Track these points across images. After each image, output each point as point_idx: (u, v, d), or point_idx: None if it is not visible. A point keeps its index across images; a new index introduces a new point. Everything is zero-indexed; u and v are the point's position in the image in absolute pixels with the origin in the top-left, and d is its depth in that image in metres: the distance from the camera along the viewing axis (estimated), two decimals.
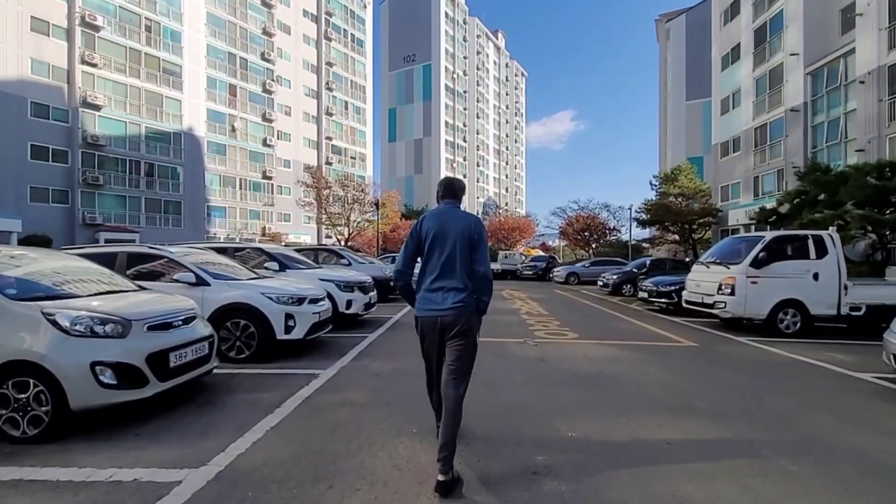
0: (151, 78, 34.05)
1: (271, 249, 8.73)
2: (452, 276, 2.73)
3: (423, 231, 2.83)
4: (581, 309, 12.27)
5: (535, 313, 10.91)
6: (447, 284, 2.72)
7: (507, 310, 11.52)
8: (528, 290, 18.57)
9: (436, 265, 2.75)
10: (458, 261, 2.73)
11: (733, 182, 27.39)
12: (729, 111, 27.86)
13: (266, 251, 8.47)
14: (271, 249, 8.73)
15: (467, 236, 2.75)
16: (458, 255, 2.73)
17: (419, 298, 2.83)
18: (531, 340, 7.24)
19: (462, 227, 2.76)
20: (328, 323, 6.57)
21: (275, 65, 43.89)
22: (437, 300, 2.72)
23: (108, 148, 31.76)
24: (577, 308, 12.45)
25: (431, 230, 2.79)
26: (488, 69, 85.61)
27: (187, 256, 6.10)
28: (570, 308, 12.38)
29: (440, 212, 2.88)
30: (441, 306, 2.71)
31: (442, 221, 2.80)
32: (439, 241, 2.76)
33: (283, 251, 9.54)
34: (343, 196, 37.00)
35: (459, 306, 2.69)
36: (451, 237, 2.74)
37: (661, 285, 11.28)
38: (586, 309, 12.29)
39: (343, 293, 8.19)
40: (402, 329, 8.33)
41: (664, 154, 54.87)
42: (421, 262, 2.86)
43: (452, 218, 2.81)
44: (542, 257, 30.06)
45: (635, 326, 9.08)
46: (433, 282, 2.75)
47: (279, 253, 8.79)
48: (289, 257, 8.83)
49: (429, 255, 2.78)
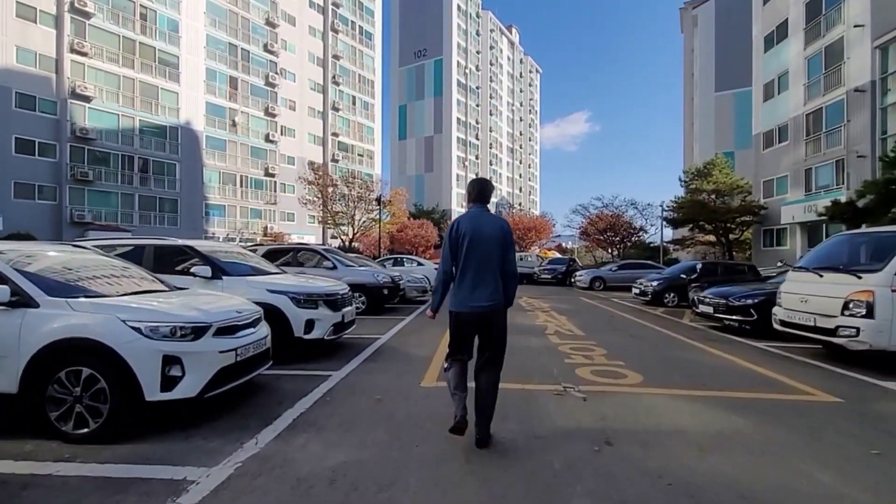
0: (146, 69, 32.31)
1: (207, 248, 6.34)
2: (487, 275, 3.11)
3: (459, 234, 3.14)
4: (624, 326, 9.66)
5: (566, 333, 8.34)
6: (483, 282, 3.10)
7: (529, 328, 8.97)
8: (549, 299, 15.98)
9: (472, 265, 3.10)
10: (492, 261, 3.13)
11: (779, 176, 24.36)
12: (773, 97, 24.85)
13: (197, 250, 6.09)
14: (207, 248, 6.34)
15: (500, 238, 3.16)
16: (492, 255, 3.13)
17: (456, 294, 3.15)
18: (574, 388, 4.71)
19: (495, 230, 3.16)
20: (254, 365, 4.12)
21: (278, 57, 41.98)
22: (475, 297, 3.09)
23: (98, 142, 30.05)
24: (618, 325, 9.84)
25: (467, 233, 3.11)
26: (502, 65, 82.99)
27: None
28: (610, 325, 9.77)
29: (473, 215, 3.22)
30: (479, 303, 3.09)
31: (476, 225, 3.14)
32: (475, 243, 3.10)
33: (228, 250, 7.14)
34: (347, 194, 34.84)
35: (493, 303, 3.12)
36: (485, 239, 3.12)
37: (732, 298, 8.61)
38: (631, 326, 9.67)
39: (301, 310, 5.78)
40: (387, 360, 5.87)
41: (689, 150, 51.73)
42: (457, 261, 3.16)
43: (485, 221, 3.18)
44: (561, 259, 27.37)
45: (717, 359, 6.46)
46: (470, 280, 3.11)
47: (217, 253, 6.39)
48: (232, 262, 6.44)
49: (466, 255, 3.11)
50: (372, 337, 7.57)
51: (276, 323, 5.42)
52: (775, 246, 24.46)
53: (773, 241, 24.66)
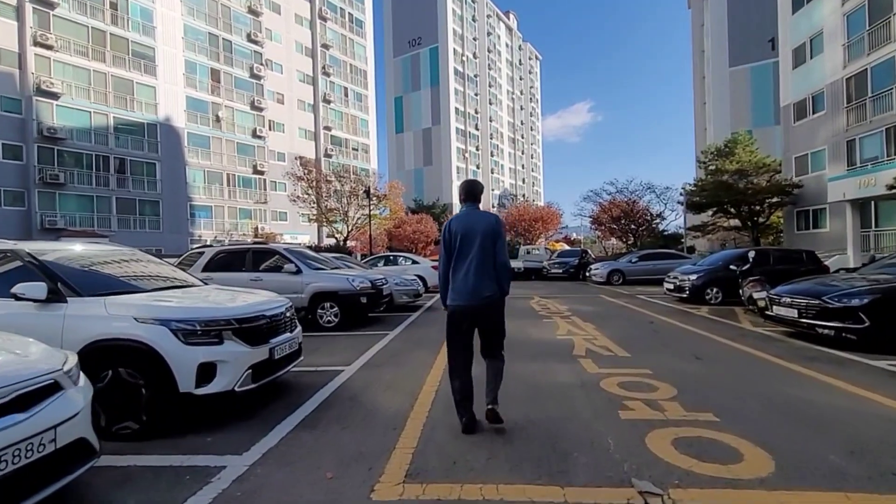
0: (119, 62, 30.13)
1: (51, 252, 4.07)
2: (482, 269, 3.32)
3: (452, 233, 3.39)
4: (675, 338, 7.36)
5: (603, 354, 6.05)
6: (478, 277, 3.30)
7: (549, 345, 6.70)
8: (566, 298, 13.71)
9: (467, 261, 3.33)
10: (485, 255, 3.33)
11: (815, 150, 21.82)
12: (805, 62, 22.28)
13: (24, 255, 3.82)
14: (51, 252, 4.07)
15: (489, 233, 3.35)
16: (485, 249, 3.33)
17: (452, 290, 3.38)
18: (661, 494, 2.45)
19: (484, 226, 3.36)
20: None
21: (263, 47, 39.66)
22: (472, 292, 3.30)
23: (69, 141, 27.96)
24: (666, 336, 7.54)
25: (459, 231, 3.37)
26: (500, 52, 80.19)
27: None
28: (657, 337, 7.47)
29: (464, 214, 3.46)
30: (476, 297, 3.30)
31: (467, 223, 3.39)
32: (468, 240, 3.34)
33: (101, 255, 4.78)
34: (339, 189, 32.63)
35: (490, 295, 3.34)
36: (477, 235, 3.33)
37: (828, 297, 6.28)
38: (685, 338, 7.37)
39: (190, 348, 3.49)
40: (334, 425, 3.58)
41: (702, 133, 49.10)
42: (453, 259, 3.40)
43: (475, 218, 3.41)
44: (572, 251, 25.01)
45: (850, 399, 4.17)
46: (466, 275, 3.32)
47: (72, 259, 4.13)
48: (94, 273, 4.17)
49: (460, 252, 3.36)
50: (331, 370, 5.34)
51: (149, 371, 3.34)
52: (812, 229, 21.98)
53: (810, 224, 22.17)
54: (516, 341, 6.34)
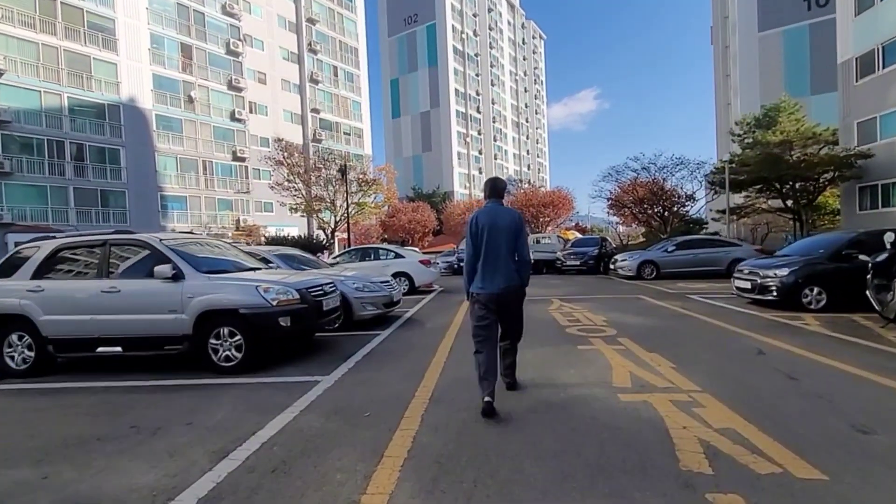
0: (73, 35, 26.72)
1: None
2: (505, 262, 3.56)
3: (479, 226, 3.58)
4: (823, 390, 3.91)
5: (734, 453, 2.63)
6: (500, 268, 3.55)
7: (607, 427, 3.26)
8: (593, 300, 10.30)
9: (491, 253, 3.55)
10: (508, 249, 3.57)
11: (885, 112, 18.09)
12: (873, 5, 18.44)
13: None
14: None
15: (513, 229, 3.58)
16: (508, 244, 3.57)
17: (478, 279, 3.59)
18: None
19: (508, 221, 3.59)
20: None
21: (241, 20, 36.03)
22: (494, 281, 3.54)
23: (15, 125, 24.70)
24: (805, 384, 4.10)
25: (486, 225, 3.56)
26: (502, 30, 75.82)
27: None
28: (793, 387, 4.04)
29: (489, 210, 3.66)
30: (499, 286, 3.54)
31: (493, 218, 3.59)
32: (493, 234, 3.54)
33: None
34: (325, 174, 29.24)
35: (509, 283, 3.57)
36: (502, 230, 3.55)
37: None
38: (836, 385, 3.93)
39: None
40: None
41: (724, 109, 45.08)
42: (477, 250, 3.60)
43: (500, 214, 3.63)
44: (590, 240, 21.48)
45: None
46: (489, 266, 3.55)
47: None
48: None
49: (487, 245, 3.55)
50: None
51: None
52: (881, 207, 18.34)
53: (878, 201, 18.53)
54: (543, 401, 3.28)
